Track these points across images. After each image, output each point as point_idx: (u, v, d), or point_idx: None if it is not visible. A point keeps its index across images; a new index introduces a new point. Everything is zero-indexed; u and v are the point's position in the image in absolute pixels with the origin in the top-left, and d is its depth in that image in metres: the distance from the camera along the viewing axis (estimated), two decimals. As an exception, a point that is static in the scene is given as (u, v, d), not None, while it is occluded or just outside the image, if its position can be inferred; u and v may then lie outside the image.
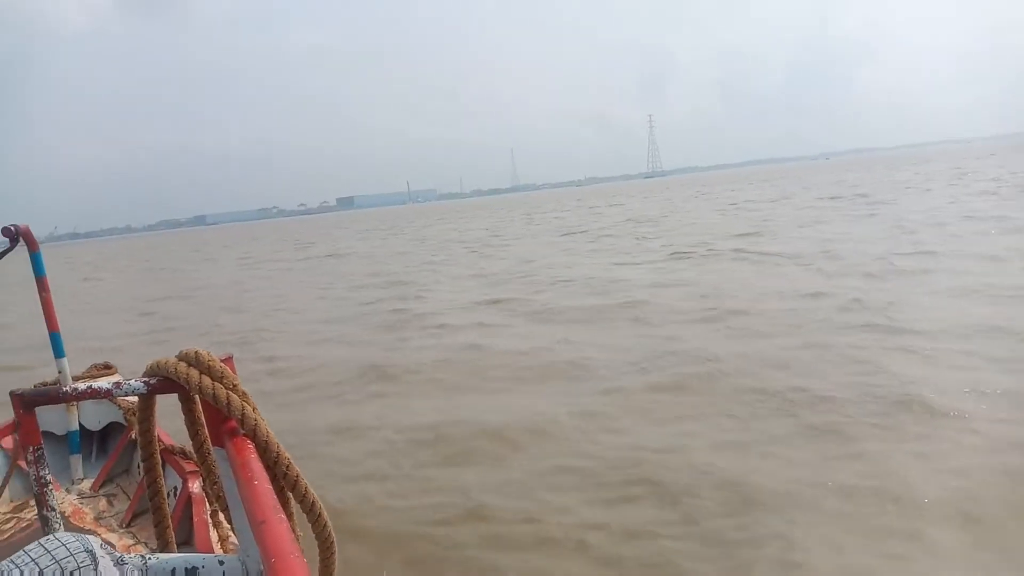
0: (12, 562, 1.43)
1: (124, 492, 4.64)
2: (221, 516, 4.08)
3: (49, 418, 4.87)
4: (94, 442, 5.05)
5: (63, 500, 4.53)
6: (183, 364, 1.80)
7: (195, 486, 4.02)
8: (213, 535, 3.80)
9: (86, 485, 4.75)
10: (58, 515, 1.98)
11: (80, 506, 4.48)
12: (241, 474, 1.60)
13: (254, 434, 1.76)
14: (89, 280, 37.43)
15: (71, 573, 1.44)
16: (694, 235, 24.29)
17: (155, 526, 2.13)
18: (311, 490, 1.84)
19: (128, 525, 4.24)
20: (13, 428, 4.76)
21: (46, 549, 1.46)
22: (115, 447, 4.83)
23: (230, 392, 1.77)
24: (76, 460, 4.85)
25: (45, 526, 1.98)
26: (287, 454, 1.80)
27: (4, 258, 4.72)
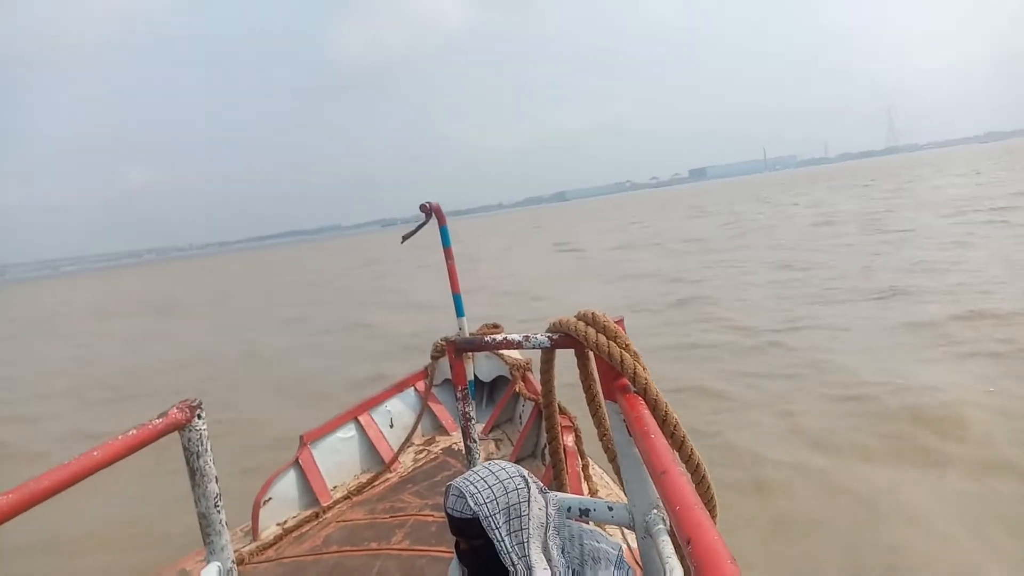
0: (475, 473, 1.73)
1: (508, 438, 5.25)
2: (591, 470, 4.41)
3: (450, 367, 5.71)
4: (484, 392, 5.79)
5: (459, 441, 5.29)
6: (582, 323, 1.97)
7: (568, 439, 4.38)
8: (584, 487, 4.12)
9: (477, 429, 5.49)
10: (478, 446, 2.30)
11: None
12: (636, 427, 1.70)
13: (644, 391, 1.86)
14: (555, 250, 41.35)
15: (511, 491, 1.70)
16: None
17: (552, 467, 2.37)
18: (696, 451, 1.88)
19: None
20: (425, 374, 5.68)
21: (490, 470, 1.74)
22: (501, 398, 5.49)
23: (623, 351, 1.90)
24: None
25: (468, 455, 2.31)
26: (675, 413, 1.87)
27: (420, 231, 5.65)
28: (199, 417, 2.01)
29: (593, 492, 4.14)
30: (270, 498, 4.42)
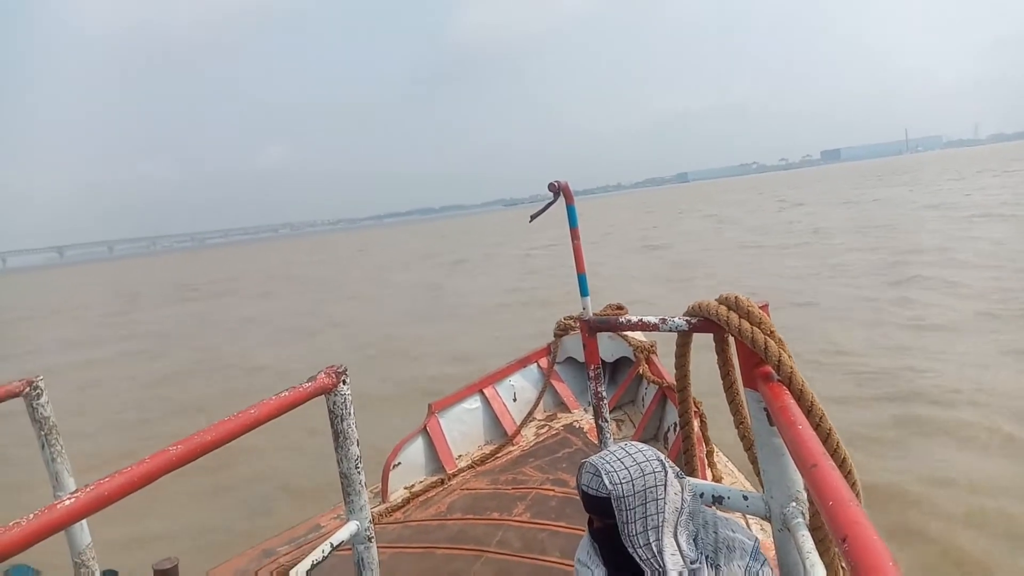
0: (612, 453, 1.74)
1: (630, 419, 5.23)
2: (716, 457, 4.31)
3: (574, 346, 5.74)
4: (606, 372, 5.79)
5: (580, 418, 5.31)
6: (723, 307, 1.92)
7: (695, 425, 4.31)
8: (708, 474, 4.04)
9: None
10: (610, 425, 2.30)
11: (595, 425, 5.22)
12: (781, 417, 1.64)
13: (790, 381, 1.78)
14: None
15: (647, 474, 1.69)
16: None
17: (684, 452, 2.33)
18: (843, 445, 1.80)
19: None
20: (548, 351, 5.74)
21: (627, 452, 1.74)
22: (624, 379, 5.47)
23: (767, 338, 1.83)
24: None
25: (600, 434, 2.31)
26: (820, 404, 1.79)
27: (548, 210, 5.70)
28: (344, 383, 2.11)
29: (718, 479, 4.06)
30: (399, 463, 4.63)
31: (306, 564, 1.99)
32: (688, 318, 2.03)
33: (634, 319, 2.14)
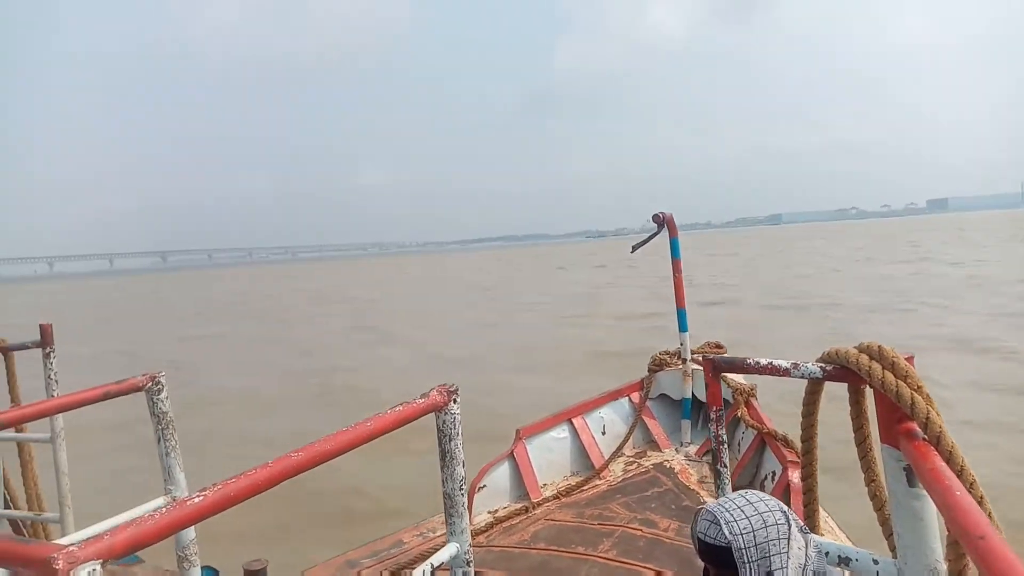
0: (731, 500, 1.65)
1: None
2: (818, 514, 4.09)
3: (669, 382, 5.61)
4: (701, 412, 5.62)
5: (671, 458, 5.17)
6: (864, 356, 1.80)
7: (795, 476, 4.10)
8: None
9: (692, 449, 5.33)
10: (728, 471, 2.19)
11: (686, 467, 5.04)
12: (933, 480, 1.52)
13: (938, 441, 1.66)
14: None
15: (770, 526, 1.59)
16: None
17: (804, 506, 2.21)
18: (995, 516, 1.65)
19: None
20: (640, 386, 5.62)
21: (748, 500, 1.64)
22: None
23: (915, 393, 1.71)
24: (686, 425, 5.48)
25: (717, 479, 2.21)
26: (972, 471, 1.65)
27: (651, 241, 5.62)
28: (454, 402, 2.09)
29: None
30: (484, 486, 4.61)
31: None
32: (823, 365, 1.92)
33: (763, 362, 2.04)
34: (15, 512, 3.26)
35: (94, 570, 1.23)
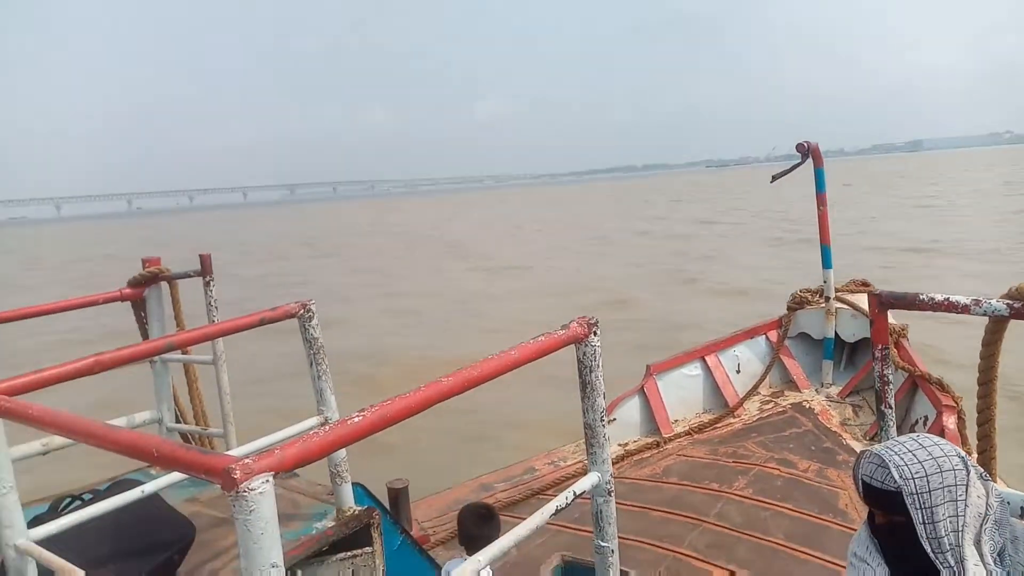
0: (901, 443, 1.53)
1: (869, 405, 4.80)
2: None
3: (809, 321, 5.34)
4: (844, 352, 5.34)
5: (811, 399, 4.96)
6: None
7: (950, 421, 3.84)
8: None
9: (833, 390, 5.10)
10: (893, 413, 2.05)
11: (827, 408, 4.83)
12: None
13: None
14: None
15: (946, 471, 1.46)
16: None
17: (980, 453, 2.04)
18: None
19: (872, 437, 4.38)
20: (778, 324, 5.40)
21: (921, 444, 1.52)
22: (865, 361, 5.02)
23: None
24: (828, 365, 5.23)
25: (881, 420, 2.07)
26: None
27: (793, 171, 5.28)
28: (595, 334, 2.06)
29: None
30: (614, 419, 4.61)
31: (550, 508, 1.98)
32: (1010, 302, 1.73)
33: (938, 298, 1.86)
34: (186, 426, 3.55)
35: (266, 481, 1.30)
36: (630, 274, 20.55)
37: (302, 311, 2.60)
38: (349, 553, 2.55)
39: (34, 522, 2.00)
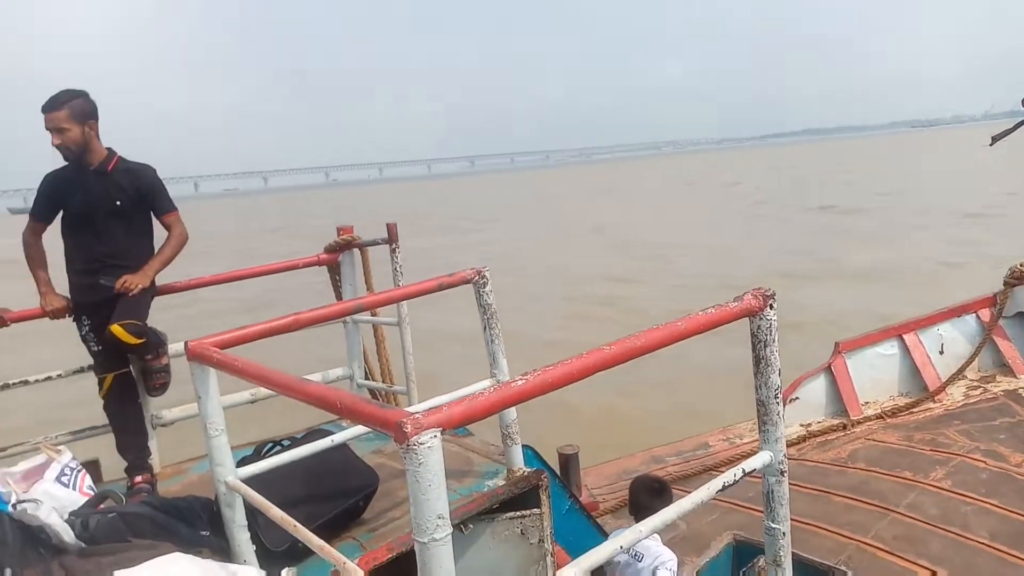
0: None
1: None
2: None
3: None
4: None
5: None
6: None
7: None
8: None
9: None
10: None
11: None
12: None
13: None
14: None
15: None
16: None
17: None
18: None
19: None
20: (991, 302, 4.83)
21: None
22: None
23: None
24: None
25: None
26: None
27: (1018, 130, 4.66)
28: (771, 307, 1.97)
29: None
30: (797, 397, 4.39)
31: (717, 484, 1.93)
32: None
33: None
34: (373, 383, 3.84)
35: (435, 436, 1.38)
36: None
37: (477, 277, 2.69)
38: (518, 513, 2.63)
39: (241, 463, 2.26)
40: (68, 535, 2.15)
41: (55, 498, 2.41)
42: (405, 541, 2.38)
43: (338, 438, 2.40)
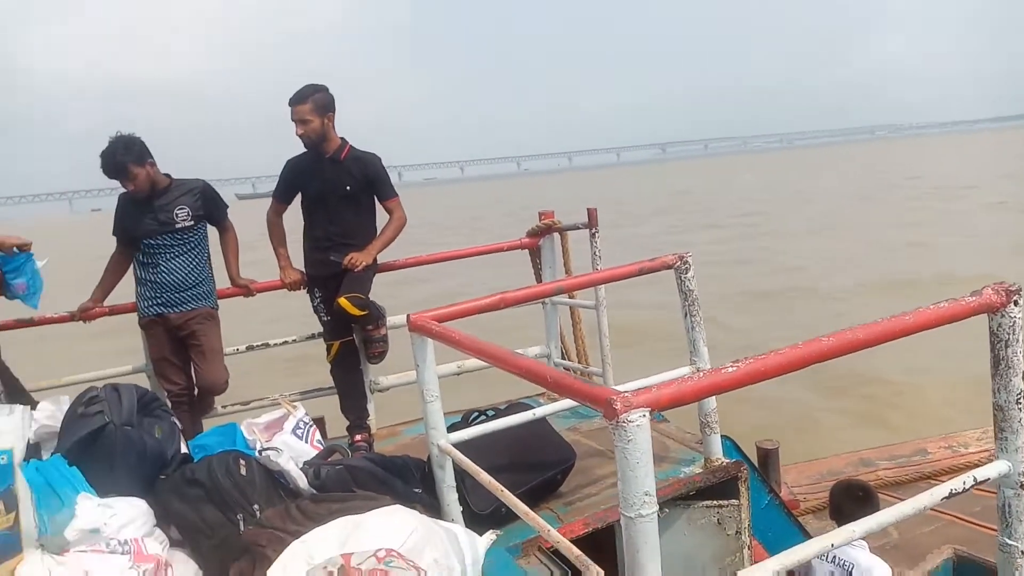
0: None
1: None
2: None
3: None
4: None
5: None
6: None
7: None
8: None
9: None
10: None
11: None
12: None
13: None
14: None
15: None
16: None
17: None
18: None
19: None
20: None
21: None
22: None
23: None
24: None
25: None
26: None
27: None
28: (1016, 303, 1.78)
29: None
30: None
31: (943, 491, 1.79)
32: None
33: None
34: (570, 363, 3.93)
35: (643, 415, 1.40)
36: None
37: (679, 263, 2.66)
38: (715, 502, 2.60)
39: (451, 428, 2.43)
40: (303, 481, 2.42)
41: (292, 448, 2.70)
42: (601, 517, 2.44)
43: (539, 412, 2.49)
